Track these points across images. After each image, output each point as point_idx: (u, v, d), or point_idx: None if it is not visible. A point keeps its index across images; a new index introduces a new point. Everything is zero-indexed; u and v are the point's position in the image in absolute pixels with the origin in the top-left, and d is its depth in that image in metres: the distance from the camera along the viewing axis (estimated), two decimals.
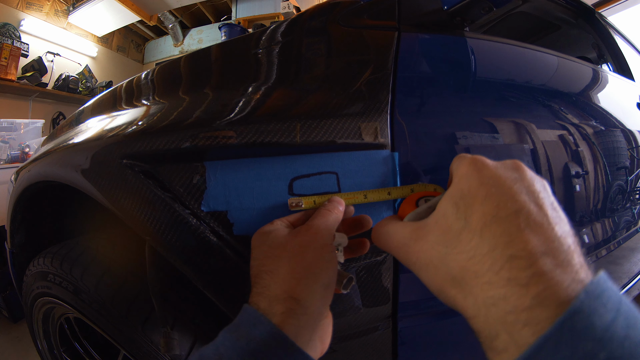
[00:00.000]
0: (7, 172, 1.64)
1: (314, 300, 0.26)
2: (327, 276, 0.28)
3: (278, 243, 0.29)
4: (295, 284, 0.26)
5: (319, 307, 0.27)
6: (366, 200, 0.37)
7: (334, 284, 0.29)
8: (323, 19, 0.49)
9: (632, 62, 1.10)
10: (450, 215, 0.21)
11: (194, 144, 0.38)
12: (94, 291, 0.54)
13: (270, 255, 0.28)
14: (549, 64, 0.67)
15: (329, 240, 0.30)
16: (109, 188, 0.42)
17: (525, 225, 0.18)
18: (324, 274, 0.27)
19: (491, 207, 0.19)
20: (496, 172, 0.21)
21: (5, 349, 1.21)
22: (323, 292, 0.27)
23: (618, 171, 0.74)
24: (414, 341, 0.46)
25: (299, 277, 0.26)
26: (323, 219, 0.31)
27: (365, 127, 0.40)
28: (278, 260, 0.27)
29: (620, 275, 0.83)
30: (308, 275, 0.26)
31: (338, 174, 0.39)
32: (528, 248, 0.17)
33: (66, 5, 3.25)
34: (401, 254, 0.25)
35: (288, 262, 0.27)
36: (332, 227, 0.31)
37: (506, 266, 0.17)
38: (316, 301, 0.26)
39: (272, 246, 0.29)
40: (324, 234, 0.29)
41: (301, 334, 0.24)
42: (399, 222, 0.27)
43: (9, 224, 0.76)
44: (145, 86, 0.54)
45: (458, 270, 0.20)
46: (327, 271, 0.28)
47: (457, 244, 0.20)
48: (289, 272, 0.26)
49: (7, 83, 2.57)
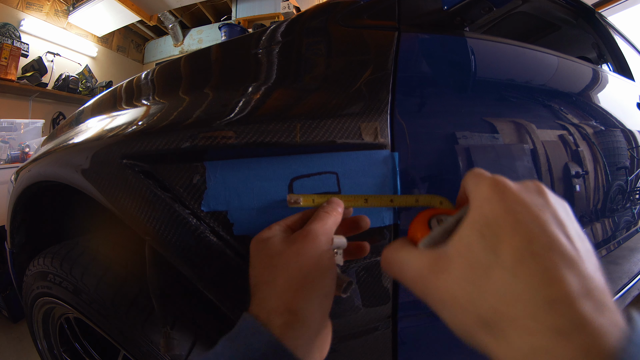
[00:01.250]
0: (7, 172, 1.64)
1: (312, 312, 0.26)
2: (325, 285, 0.27)
3: (275, 251, 0.28)
4: (293, 296, 0.25)
5: (317, 318, 0.26)
6: (367, 204, 0.37)
7: (333, 291, 0.28)
8: (323, 19, 0.49)
9: (632, 62, 1.10)
10: (477, 246, 0.19)
11: (194, 144, 0.38)
12: (94, 291, 0.54)
13: (267, 265, 0.28)
14: (549, 64, 0.67)
15: (327, 244, 0.29)
16: (109, 188, 0.42)
17: (562, 263, 0.16)
18: (322, 282, 0.27)
19: (523, 241, 0.17)
20: (521, 197, 0.19)
21: (5, 349, 1.21)
22: (322, 302, 0.27)
23: (618, 171, 0.74)
24: (414, 341, 0.46)
25: (296, 288, 0.26)
26: (321, 222, 0.30)
27: (365, 127, 0.40)
28: (275, 270, 0.27)
29: (620, 275, 0.83)
30: (306, 286, 0.26)
31: (338, 174, 0.39)
32: (568, 290, 0.16)
33: (66, 5, 3.25)
34: (418, 288, 0.22)
35: (285, 271, 0.26)
36: (331, 231, 0.30)
37: (546, 311, 0.16)
38: (314, 312, 0.26)
39: (269, 255, 0.28)
40: (322, 240, 0.29)
41: (300, 345, 0.24)
42: (413, 249, 0.24)
43: (9, 224, 0.76)
44: (145, 86, 0.54)
45: (489, 312, 0.18)
46: (325, 279, 0.27)
47: (487, 282, 0.18)
48: (286, 283, 0.26)
49: (7, 83, 2.57)
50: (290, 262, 0.27)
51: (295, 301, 0.25)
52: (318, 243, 0.28)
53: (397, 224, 0.41)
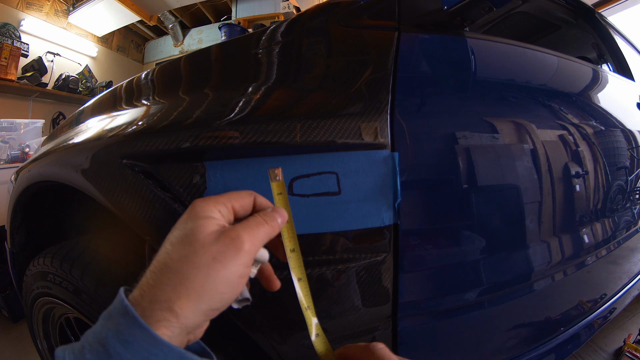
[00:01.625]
0: (7, 172, 1.64)
1: (195, 320, 0.24)
2: (223, 300, 0.25)
3: (197, 240, 0.25)
4: (185, 300, 0.23)
5: (198, 325, 0.25)
6: (292, 254, 0.32)
7: (227, 305, 0.26)
8: (323, 19, 0.49)
9: (632, 62, 1.10)
10: None
11: (194, 144, 0.38)
12: (94, 291, 0.54)
13: (182, 253, 0.25)
14: (549, 64, 0.67)
15: (250, 257, 0.26)
16: (109, 188, 0.42)
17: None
18: (222, 298, 0.25)
19: None
20: None
21: (5, 349, 1.21)
22: (210, 314, 0.25)
23: (618, 171, 0.74)
24: (414, 341, 0.46)
25: (193, 295, 0.23)
26: (254, 231, 0.27)
27: (365, 127, 0.40)
28: (185, 263, 0.24)
29: (620, 275, 0.83)
30: (203, 296, 0.24)
31: (338, 174, 0.39)
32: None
33: (66, 5, 3.25)
34: None
35: (193, 269, 0.24)
36: (260, 243, 0.28)
37: None
38: (197, 321, 0.24)
39: (191, 242, 0.25)
40: (246, 250, 0.26)
41: (173, 340, 0.23)
42: None
43: (9, 224, 0.76)
44: (145, 86, 0.54)
45: None
46: (227, 295, 0.25)
47: None
48: (186, 282, 0.24)
49: (7, 83, 2.57)
50: (204, 263, 0.24)
51: (185, 306, 0.23)
52: (241, 254, 0.25)
53: (397, 224, 0.41)
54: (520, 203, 0.50)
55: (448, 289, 0.46)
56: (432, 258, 0.45)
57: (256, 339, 0.41)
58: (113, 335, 0.22)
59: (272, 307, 0.39)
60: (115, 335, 0.22)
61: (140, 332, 0.22)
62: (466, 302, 0.48)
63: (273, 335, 0.40)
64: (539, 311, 0.60)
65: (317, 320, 0.33)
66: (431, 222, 0.45)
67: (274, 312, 0.40)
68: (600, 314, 0.74)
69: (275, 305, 0.39)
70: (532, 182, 0.52)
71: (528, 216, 0.52)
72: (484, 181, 0.47)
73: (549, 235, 0.56)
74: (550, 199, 0.55)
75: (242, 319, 0.40)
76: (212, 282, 0.24)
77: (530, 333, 0.60)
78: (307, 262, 0.39)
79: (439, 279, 0.46)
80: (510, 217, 0.50)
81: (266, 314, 0.40)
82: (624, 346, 1.03)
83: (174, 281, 0.24)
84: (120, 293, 0.24)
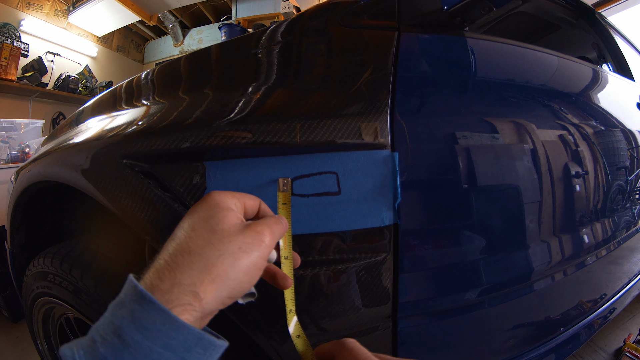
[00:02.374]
0: (7, 172, 1.64)
1: (214, 305, 0.24)
2: (241, 289, 0.26)
3: (222, 229, 0.26)
4: (209, 285, 0.24)
5: (213, 312, 0.25)
6: (285, 260, 0.35)
7: (240, 296, 0.27)
8: (323, 19, 0.49)
9: (632, 62, 1.10)
10: None
11: (194, 144, 0.38)
12: (94, 291, 0.54)
13: (207, 239, 0.25)
14: (549, 64, 0.67)
15: (269, 252, 0.28)
16: (109, 188, 0.42)
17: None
18: (241, 286, 0.26)
19: None
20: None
21: (5, 349, 1.21)
22: (226, 302, 0.26)
23: (618, 171, 0.74)
24: (414, 341, 0.46)
25: (217, 281, 0.24)
26: (273, 229, 0.29)
27: (365, 127, 0.40)
28: (210, 249, 0.25)
29: (620, 275, 0.83)
30: (225, 283, 0.24)
31: (338, 174, 0.39)
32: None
33: (66, 5, 3.25)
34: None
35: (219, 257, 0.25)
36: (275, 241, 0.29)
37: None
38: (215, 307, 0.25)
39: (213, 230, 0.26)
40: (268, 245, 0.27)
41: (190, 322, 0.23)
42: None
43: (9, 224, 0.76)
44: (145, 86, 0.54)
45: None
46: (245, 285, 0.26)
47: None
48: (212, 267, 0.24)
49: (7, 83, 2.57)
50: (230, 251, 0.25)
51: (209, 289, 0.23)
52: (263, 247, 0.27)
53: (397, 224, 0.41)
54: (520, 203, 0.50)
55: (448, 289, 0.46)
56: (432, 258, 0.45)
57: (256, 339, 0.41)
58: (129, 324, 0.21)
59: (272, 307, 0.39)
60: (130, 323, 0.21)
61: (159, 317, 0.21)
62: (466, 302, 0.48)
63: (273, 335, 0.40)
64: (539, 311, 0.60)
65: (297, 320, 0.36)
66: (431, 222, 0.45)
67: (274, 312, 0.40)
68: (600, 314, 0.74)
69: (275, 305, 0.39)
70: (532, 182, 0.52)
71: (528, 216, 0.52)
72: (484, 181, 0.47)
73: (549, 235, 0.56)
74: (550, 199, 0.55)
75: (242, 319, 0.40)
76: (236, 270, 0.25)
77: (530, 333, 0.60)
78: (307, 262, 0.39)
79: (439, 279, 0.46)
80: (510, 217, 0.50)
81: (266, 314, 0.40)
82: (624, 346, 1.03)
83: (199, 265, 0.24)
84: (131, 279, 0.23)
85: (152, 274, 0.24)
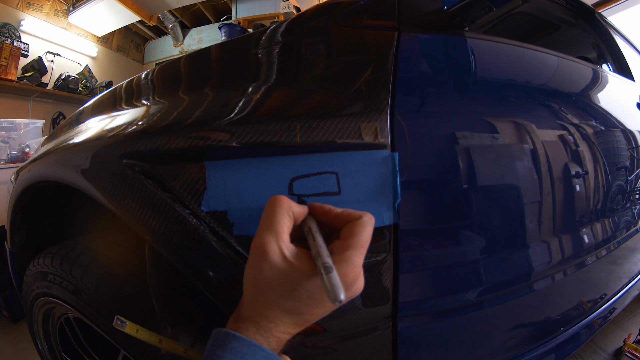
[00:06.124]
0: (7, 172, 1.64)
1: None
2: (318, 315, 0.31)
3: (273, 277, 0.29)
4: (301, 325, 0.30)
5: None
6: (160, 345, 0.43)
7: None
8: (323, 19, 0.49)
9: (632, 62, 1.10)
10: None
11: (194, 144, 0.38)
12: (94, 291, 0.54)
13: (267, 292, 0.29)
14: (549, 64, 0.67)
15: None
16: (109, 188, 0.42)
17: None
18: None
19: None
20: None
21: (5, 349, 1.21)
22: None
23: (618, 171, 0.74)
24: (414, 341, 0.46)
25: (297, 314, 0.30)
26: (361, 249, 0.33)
27: (365, 127, 0.40)
28: (279, 297, 0.29)
29: (620, 275, 0.83)
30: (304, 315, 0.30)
31: (338, 174, 0.39)
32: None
33: (66, 5, 3.25)
34: None
35: (289, 300, 0.29)
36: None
37: None
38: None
39: (270, 283, 0.29)
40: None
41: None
42: None
43: (9, 224, 0.76)
44: (145, 86, 0.54)
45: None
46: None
47: None
48: (288, 313, 0.29)
49: (7, 83, 2.57)
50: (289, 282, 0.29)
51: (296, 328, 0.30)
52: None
53: (397, 224, 0.41)
54: (520, 203, 0.50)
55: (448, 289, 0.46)
56: (432, 258, 0.45)
57: None
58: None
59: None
60: None
61: None
62: (466, 302, 0.48)
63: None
64: (539, 311, 0.60)
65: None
66: (431, 222, 0.45)
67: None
68: (600, 314, 0.74)
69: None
70: (532, 182, 0.52)
71: (528, 216, 0.52)
72: (484, 181, 0.47)
73: (549, 235, 0.56)
74: (550, 199, 0.55)
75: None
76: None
77: (530, 333, 0.60)
78: None
79: (439, 279, 0.46)
80: (510, 217, 0.50)
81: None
82: (624, 346, 1.03)
83: (282, 317, 0.30)
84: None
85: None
